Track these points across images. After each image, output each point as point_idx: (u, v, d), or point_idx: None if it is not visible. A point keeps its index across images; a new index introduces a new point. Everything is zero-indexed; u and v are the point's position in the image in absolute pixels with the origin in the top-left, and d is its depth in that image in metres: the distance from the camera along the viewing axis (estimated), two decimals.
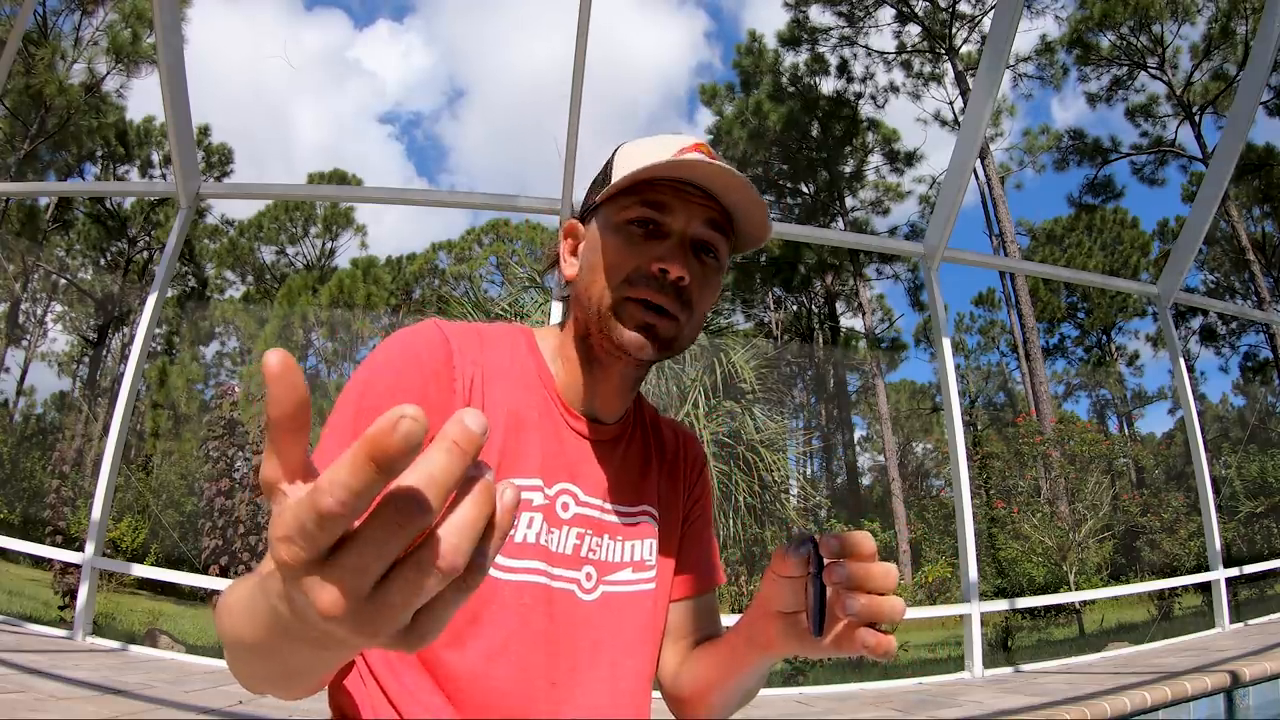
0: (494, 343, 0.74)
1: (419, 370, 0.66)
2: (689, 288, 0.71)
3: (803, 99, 19.85)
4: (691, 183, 0.71)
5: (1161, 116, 19.52)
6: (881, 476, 22.44)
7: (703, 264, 0.72)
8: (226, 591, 0.53)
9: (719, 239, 0.72)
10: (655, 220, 0.71)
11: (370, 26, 60.56)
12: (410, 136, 59.55)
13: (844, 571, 0.54)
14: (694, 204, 0.71)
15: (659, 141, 0.74)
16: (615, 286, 0.70)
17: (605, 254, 0.72)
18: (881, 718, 3.04)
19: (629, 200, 0.71)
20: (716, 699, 0.76)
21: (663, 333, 0.70)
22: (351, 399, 0.64)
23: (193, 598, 10.85)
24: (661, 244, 0.70)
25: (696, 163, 0.67)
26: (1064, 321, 24.29)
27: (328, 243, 24.44)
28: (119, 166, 20.38)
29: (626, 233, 0.71)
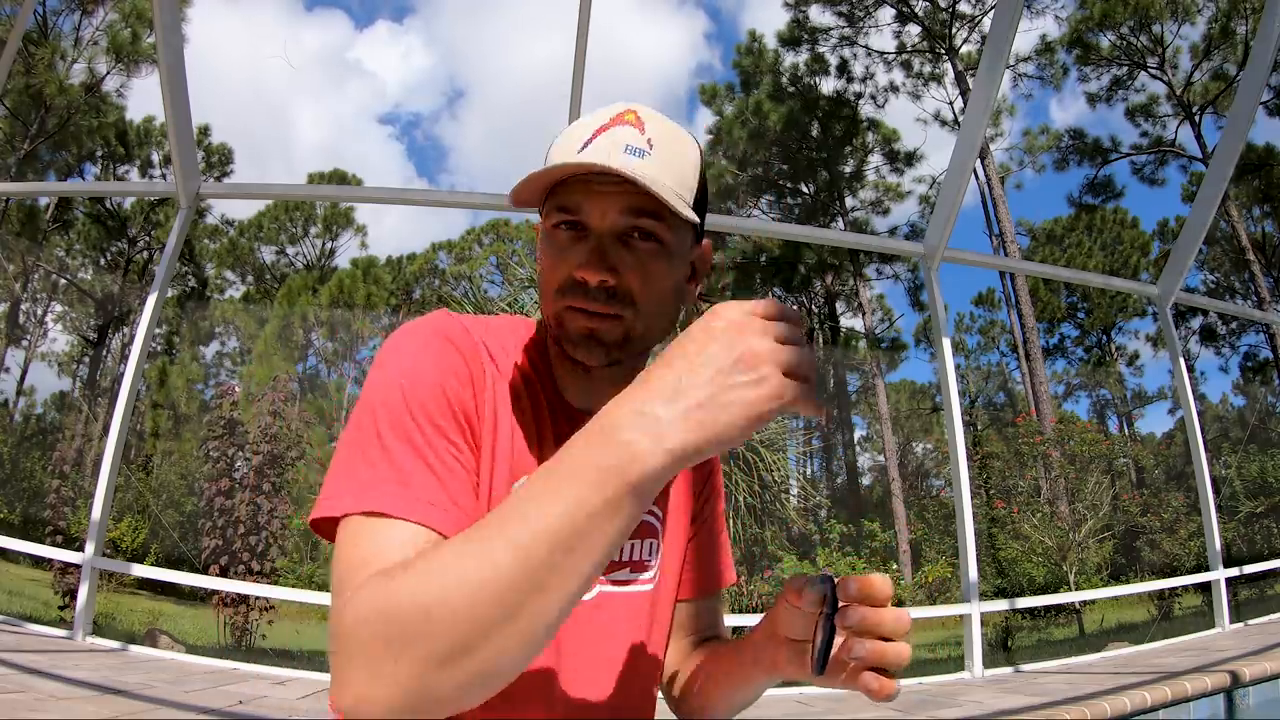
0: (500, 338, 0.73)
1: (458, 355, 0.65)
2: (621, 285, 0.66)
3: (803, 99, 19.85)
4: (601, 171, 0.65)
5: (1161, 116, 19.54)
6: (881, 476, 22.44)
7: (636, 250, 0.67)
8: (438, 565, 0.45)
9: (650, 222, 0.66)
10: (573, 222, 0.67)
11: (370, 27, 60.57)
12: (410, 137, 59.59)
13: (856, 616, 0.55)
14: (607, 195, 0.65)
15: (580, 126, 0.69)
16: (553, 298, 0.68)
17: (542, 264, 0.70)
18: (881, 718, 3.04)
19: (550, 204, 0.68)
20: (716, 705, 0.76)
21: (606, 337, 0.67)
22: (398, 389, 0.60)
23: (193, 598, 10.85)
24: (582, 246, 0.67)
25: (582, 165, 0.63)
26: (1064, 321, 24.30)
27: (328, 243, 24.45)
28: (119, 166, 20.39)
29: (553, 240, 0.69)
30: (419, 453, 0.58)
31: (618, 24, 42.54)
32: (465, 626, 0.43)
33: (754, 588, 8.47)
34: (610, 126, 0.67)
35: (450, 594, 0.43)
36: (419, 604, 0.43)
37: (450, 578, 0.43)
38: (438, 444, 0.59)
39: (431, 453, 0.58)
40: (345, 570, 0.51)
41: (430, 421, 0.60)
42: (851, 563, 9.58)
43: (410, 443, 0.58)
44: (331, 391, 20.85)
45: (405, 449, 0.57)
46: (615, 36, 41.95)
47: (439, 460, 0.58)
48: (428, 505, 0.55)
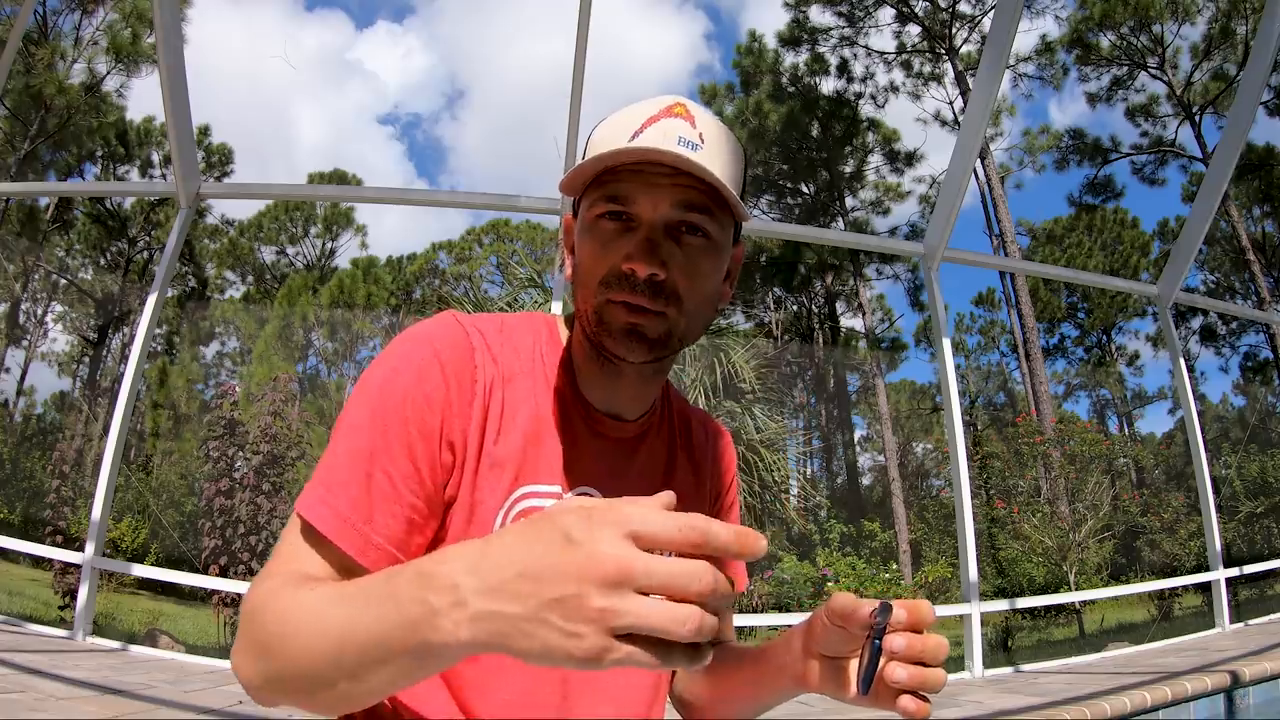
0: (515, 337, 0.71)
1: (440, 374, 0.63)
2: (668, 280, 0.64)
3: (803, 99, 19.85)
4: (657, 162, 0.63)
5: (1161, 116, 19.53)
6: (881, 476, 22.44)
7: (685, 246, 0.65)
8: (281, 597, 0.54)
9: (700, 217, 0.65)
10: (622, 213, 0.65)
11: (370, 28, 60.50)
12: (410, 137, 59.54)
13: (901, 643, 0.57)
14: (660, 186, 0.64)
15: (629, 113, 0.67)
16: (595, 291, 0.66)
17: (583, 254, 0.67)
18: (881, 718, 3.04)
19: (595, 193, 0.66)
20: (726, 711, 0.75)
21: (650, 332, 0.65)
22: (370, 398, 0.62)
23: (193, 598, 10.85)
24: (631, 237, 0.64)
25: (644, 150, 0.61)
26: (1064, 321, 24.29)
27: (328, 243, 24.44)
28: (119, 166, 20.38)
29: (597, 230, 0.66)
30: (367, 466, 0.60)
31: (618, 25, 42.54)
32: (289, 670, 0.51)
33: (754, 588, 8.47)
34: (660, 118, 0.65)
35: (288, 641, 0.51)
36: (273, 632, 0.52)
37: (297, 629, 0.51)
38: (388, 461, 0.61)
39: (381, 469, 0.60)
40: (277, 554, 0.60)
41: (379, 438, 0.61)
42: (851, 562, 9.59)
43: (355, 456, 0.61)
44: (331, 391, 20.84)
45: (353, 464, 0.60)
46: (615, 37, 41.96)
47: (385, 477, 0.60)
48: (346, 526, 0.59)
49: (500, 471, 0.65)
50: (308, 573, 0.58)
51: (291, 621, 0.51)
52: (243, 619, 0.56)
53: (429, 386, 0.63)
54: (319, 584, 0.55)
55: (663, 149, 0.60)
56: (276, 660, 0.52)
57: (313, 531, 0.59)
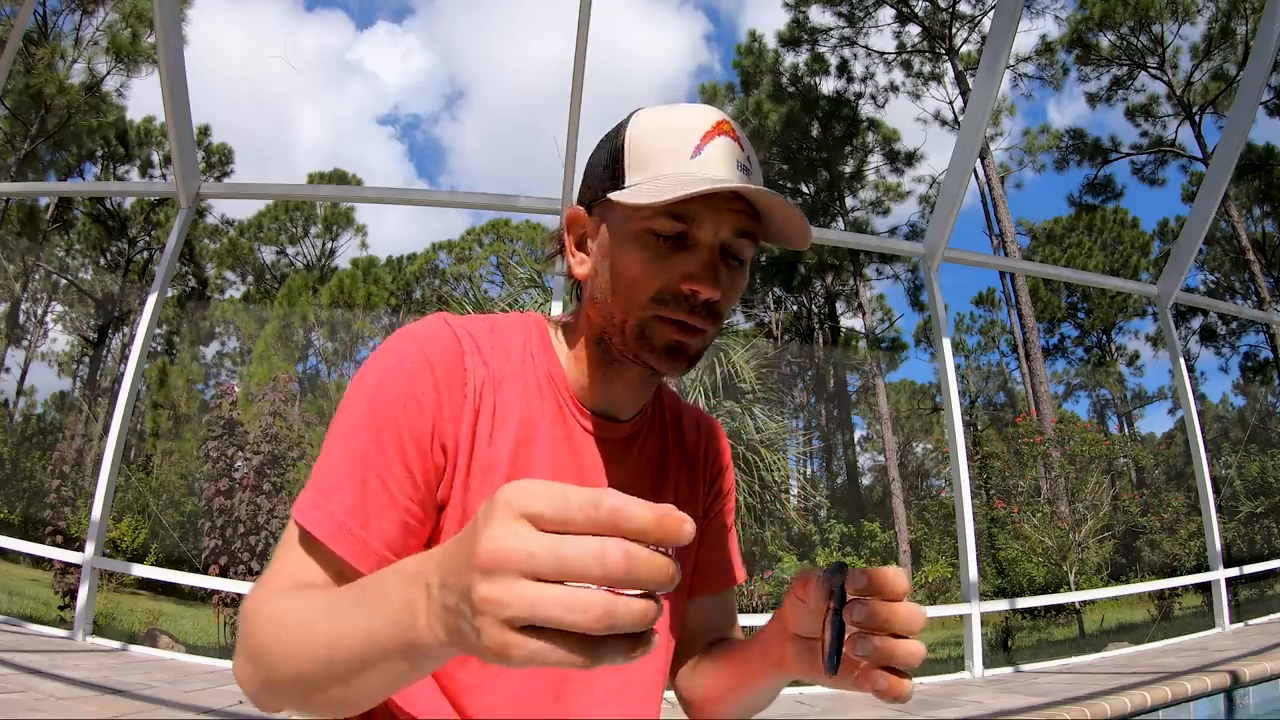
0: (505, 338, 0.71)
1: (431, 376, 0.63)
2: (719, 303, 0.67)
3: (803, 99, 19.85)
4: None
5: (1161, 116, 19.54)
6: (881, 476, 22.44)
7: (730, 269, 0.68)
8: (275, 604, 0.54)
9: (746, 245, 0.67)
10: (682, 231, 0.65)
11: (370, 28, 60.47)
12: (410, 138, 59.56)
13: (865, 611, 0.52)
14: (724, 212, 0.65)
15: (678, 126, 0.66)
16: (643, 305, 0.65)
17: (626, 264, 0.66)
18: (881, 718, 3.04)
19: (651, 208, 0.64)
20: (727, 706, 0.74)
21: (692, 349, 0.67)
22: (363, 401, 0.62)
23: (193, 598, 10.85)
24: (689, 257, 0.65)
25: (739, 188, 0.62)
26: (1064, 321, 24.29)
27: (328, 243, 24.44)
28: (119, 166, 20.38)
29: (649, 244, 0.65)
30: (361, 471, 0.60)
31: (618, 26, 42.55)
32: (281, 675, 0.52)
33: (754, 588, 8.47)
34: (714, 135, 0.66)
35: (280, 646, 0.51)
36: (266, 637, 0.53)
37: (291, 634, 0.51)
38: (381, 466, 0.61)
39: (375, 474, 0.61)
40: (275, 561, 0.60)
41: (372, 443, 0.61)
42: (851, 562, 9.59)
43: (350, 461, 0.61)
44: (331, 391, 20.84)
45: (348, 469, 0.61)
46: (615, 38, 41.97)
47: (379, 482, 0.60)
48: (342, 530, 0.59)
49: (492, 474, 0.65)
50: (302, 579, 0.58)
51: (284, 626, 0.52)
52: (240, 625, 0.56)
53: (420, 389, 0.63)
54: (311, 590, 0.55)
55: (749, 186, 0.62)
56: (270, 665, 0.52)
57: (309, 537, 0.59)
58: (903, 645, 0.52)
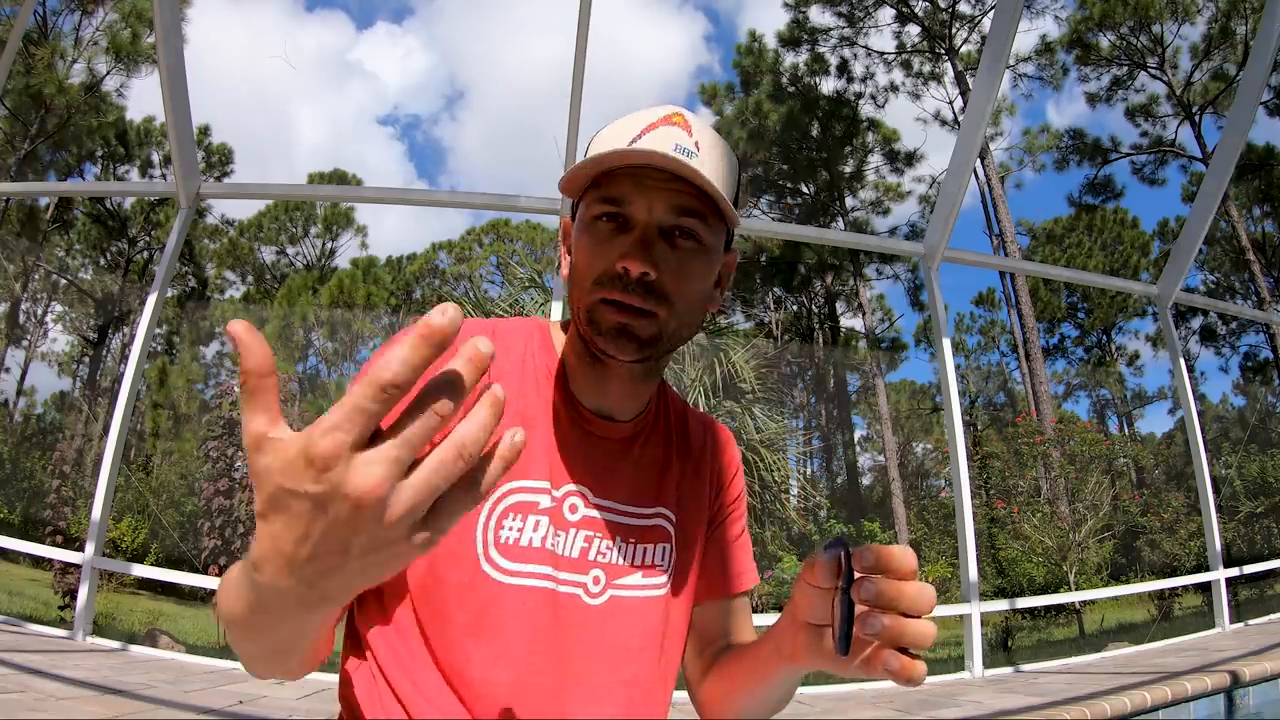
0: (506, 339, 0.73)
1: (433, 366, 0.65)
2: (659, 281, 0.66)
3: (803, 99, 19.85)
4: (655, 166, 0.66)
5: (1161, 116, 19.53)
6: (881, 476, 22.44)
7: (677, 249, 0.68)
8: (224, 575, 0.55)
9: (693, 222, 0.67)
10: (618, 214, 0.67)
11: (370, 29, 60.47)
12: (410, 138, 59.57)
13: (873, 589, 0.51)
14: (655, 190, 0.66)
15: (628, 121, 0.69)
16: (589, 289, 0.68)
17: (579, 255, 0.69)
18: (881, 718, 3.04)
19: (593, 195, 0.68)
20: (741, 707, 0.73)
21: (639, 332, 0.67)
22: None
23: (193, 598, 10.85)
24: (626, 238, 0.67)
25: (643, 153, 0.63)
26: (1064, 321, 24.29)
27: (328, 243, 24.44)
28: (119, 166, 20.38)
29: (594, 230, 0.68)
30: None
31: (618, 26, 42.55)
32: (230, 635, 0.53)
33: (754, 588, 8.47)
34: (659, 125, 0.67)
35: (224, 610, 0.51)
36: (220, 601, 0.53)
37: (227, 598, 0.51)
38: None
39: None
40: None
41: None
42: None
43: None
44: (332, 391, 20.84)
45: None
46: (615, 39, 41.96)
47: None
48: None
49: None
50: None
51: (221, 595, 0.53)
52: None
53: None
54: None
55: (658, 152, 0.63)
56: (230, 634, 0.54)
57: None
58: (913, 624, 0.51)
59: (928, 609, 0.52)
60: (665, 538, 0.76)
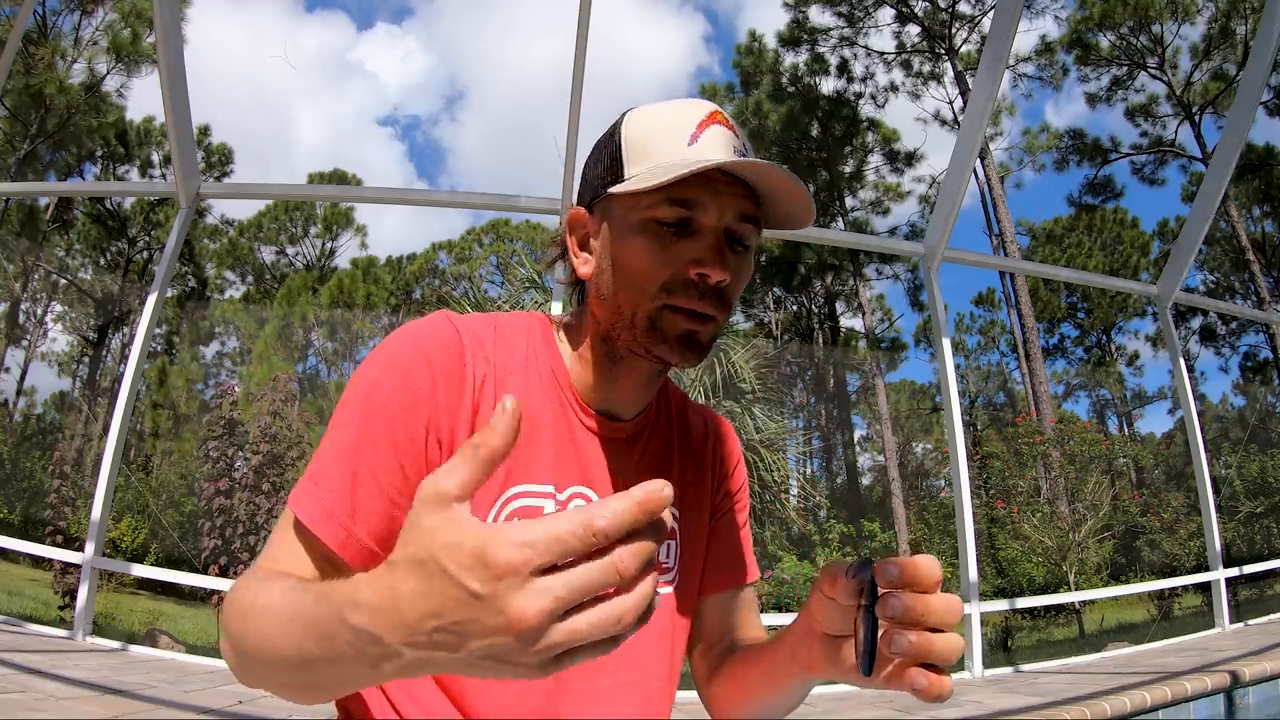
0: (508, 335, 0.71)
1: (429, 369, 0.64)
2: (727, 287, 0.66)
3: (803, 99, 19.85)
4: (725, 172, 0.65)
5: (1161, 116, 19.53)
6: (881, 476, 22.43)
7: (736, 255, 0.67)
8: (247, 594, 0.54)
9: (751, 230, 0.67)
10: (685, 218, 0.65)
11: (370, 29, 60.45)
12: (411, 138, 59.57)
13: (899, 605, 0.49)
14: (725, 196, 0.65)
15: (672, 113, 0.67)
16: (651, 295, 0.65)
17: (632, 256, 0.66)
18: (881, 718, 3.04)
19: (652, 196, 0.64)
20: (753, 709, 0.72)
21: (704, 338, 0.66)
22: (359, 396, 0.63)
23: (193, 598, 10.85)
24: (694, 242, 0.65)
25: (735, 162, 0.62)
26: (1064, 321, 24.29)
27: (328, 243, 24.44)
28: (119, 166, 20.37)
29: (654, 233, 0.65)
30: (353, 464, 0.61)
31: (618, 26, 42.54)
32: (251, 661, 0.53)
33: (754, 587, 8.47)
34: (709, 124, 0.66)
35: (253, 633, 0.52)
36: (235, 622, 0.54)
37: (252, 626, 0.52)
38: (373, 460, 0.61)
39: (366, 468, 0.61)
40: (265, 549, 0.62)
41: (364, 436, 0.62)
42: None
43: (342, 453, 0.62)
44: (331, 391, 20.83)
45: (340, 460, 0.62)
46: (615, 39, 41.96)
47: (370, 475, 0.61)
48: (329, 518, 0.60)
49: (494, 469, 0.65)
50: (282, 567, 0.59)
51: (253, 623, 0.52)
52: (225, 604, 0.58)
53: (415, 383, 0.63)
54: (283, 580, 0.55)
55: (755, 160, 0.62)
56: (244, 652, 0.53)
57: (298, 524, 0.61)
58: (940, 640, 0.49)
59: (954, 622, 0.50)
60: (670, 534, 0.75)
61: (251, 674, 0.54)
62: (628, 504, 0.36)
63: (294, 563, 0.60)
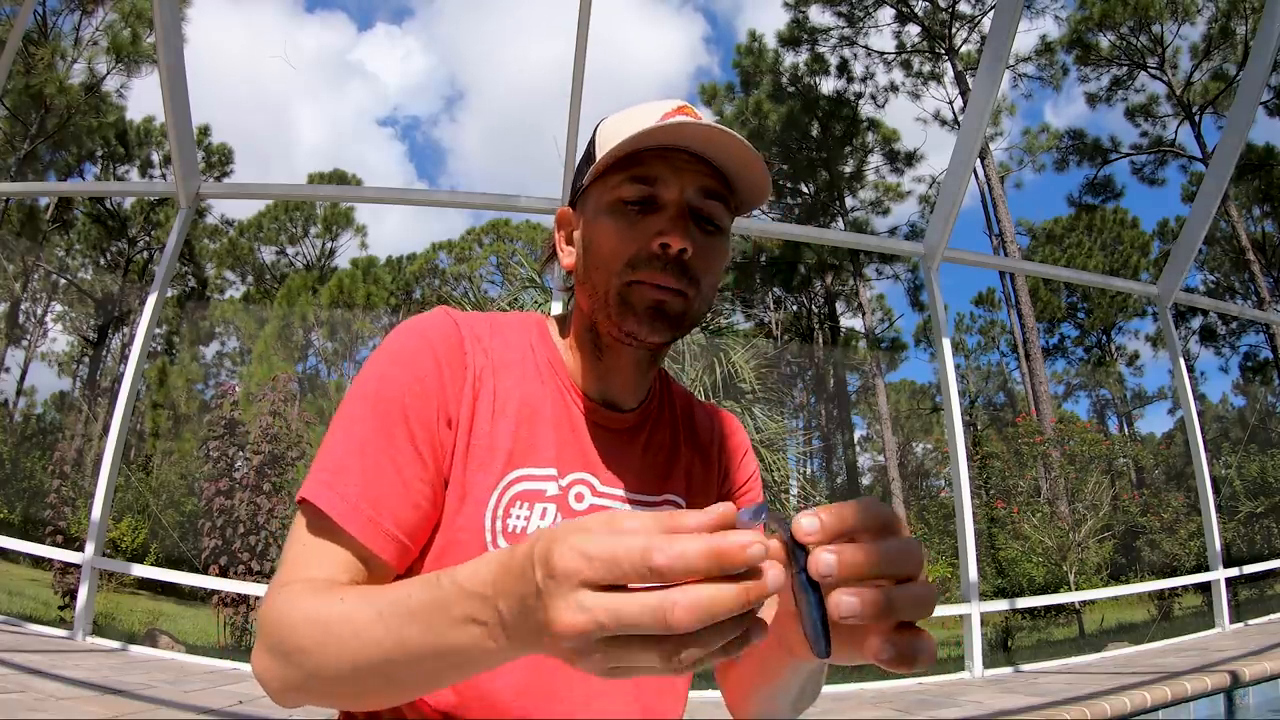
0: (505, 332, 0.72)
1: (433, 358, 0.65)
2: (693, 260, 0.67)
3: (803, 99, 19.84)
4: (681, 148, 0.66)
5: (1161, 116, 19.54)
6: (881, 476, 22.43)
7: (704, 233, 0.68)
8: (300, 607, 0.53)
9: (717, 207, 0.68)
10: (648, 194, 0.67)
11: (370, 30, 60.45)
12: (411, 139, 59.58)
13: (829, 560, 0.39)
14: (686, 171, 0.66)
15: (641, 110, 0.70)
16: (618, 272, 0.67)
17: (602, 238, 0.68)
18: (881, 718, 3.04)
19: (617, 177, 0.67)
20: (759, 709, 0.69)
21: (672, 310, 0.67)
22: (368, 388, 0.64)
23: (193, 598, 10.85)
24: (658, 217, 0.66)
25: (683, 125, 0.63)
26: (1064, 321, 24.30)
27: (328, 243, 24.44)
28: (119, 166, 20.37)
29: (620, 212, 0.67)
30: (372, 456, 0.61)
31: (618, 27, 42.55)
32: (324, 676, 0.51)
33: None
34: (675, 114, 0.68)
35: (325, 651, 0.51)
36: (304, 641, 0.52)
37: (337, 640, 0.50)
38: (391, 450, 0.61)
39: (386, 458, 0.61)
40: (288, 558, 0.60)
41: (379, 427, 0.62)
42: None
43: (360, 445, 0.62)
44: (331, 391, 20.83)
45: (358, 453, 0.61)
46: (615, 40, 41.96)
47: (390, 465, 0.61)
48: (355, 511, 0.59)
49: (493, 454, 0.66)
50: (325, 575, 0.58)
51: (327, 630, 0.51)
52: (264, 626, 0.55)
53: (423, 371, 0.64)
54: (343, 589, 0.55)
55: (711, 124, 0.63)
56: (310, 667, 0.52)
57: (322, 520, 0.59)
58: (901, 591, 0.40)
59: (916, 567, 0.41)
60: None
61: (304, 687, 0.53)
62: (698, 548, 0.35)
63: (328, 565, 0.58)
